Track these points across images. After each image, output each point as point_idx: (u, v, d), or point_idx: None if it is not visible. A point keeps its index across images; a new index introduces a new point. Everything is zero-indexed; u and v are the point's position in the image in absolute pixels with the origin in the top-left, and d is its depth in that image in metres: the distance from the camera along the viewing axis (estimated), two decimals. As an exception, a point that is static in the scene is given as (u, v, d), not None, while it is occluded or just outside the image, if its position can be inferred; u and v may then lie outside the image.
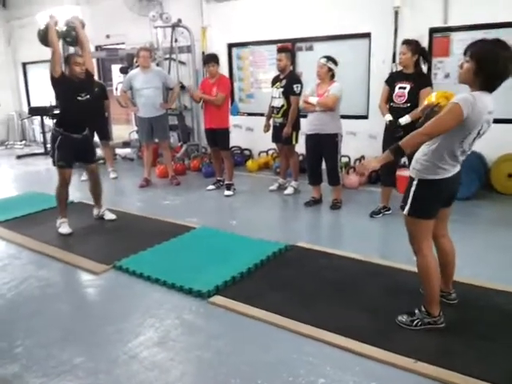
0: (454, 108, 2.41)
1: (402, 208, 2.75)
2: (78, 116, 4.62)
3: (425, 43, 5.81)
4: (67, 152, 4.61)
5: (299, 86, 5.57)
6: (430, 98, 2.95)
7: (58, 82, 4.51)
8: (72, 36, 4.74)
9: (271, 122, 5.96)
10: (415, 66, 4.63)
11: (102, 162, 7.41)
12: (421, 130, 2.55)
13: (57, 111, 4.90)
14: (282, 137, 5.72)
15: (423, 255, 2.74)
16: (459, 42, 5.70)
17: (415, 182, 2.67)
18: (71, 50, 6.06)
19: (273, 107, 5.84)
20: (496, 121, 5.54)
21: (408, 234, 2.82)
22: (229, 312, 3.12)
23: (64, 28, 4.69)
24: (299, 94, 5.53)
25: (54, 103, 9.18)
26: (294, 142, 5.78)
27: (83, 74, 4.56)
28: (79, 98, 4.56)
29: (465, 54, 2.49)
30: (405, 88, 4.58)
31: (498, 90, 2.51)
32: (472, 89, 2.50)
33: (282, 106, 5.68)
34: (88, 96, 4.62)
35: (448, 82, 5.85)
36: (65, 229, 4.71)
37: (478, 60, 2.40)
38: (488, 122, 2.51)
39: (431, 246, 2.81)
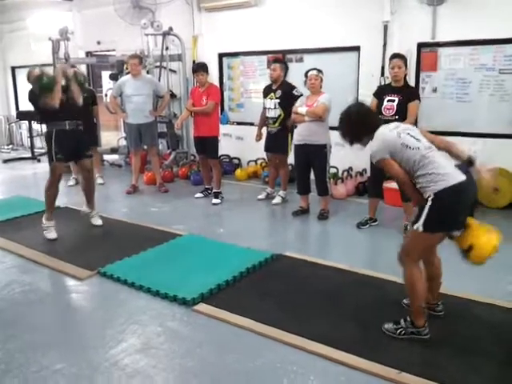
0: (381, 164, 2.77)
1: (414, 223, 2.68)
2: (60, 106, 4.52)
3: (413, 58, 5.92)
4: (64, 144, 4.58)
5: (297, 89, 5.55)
6: None
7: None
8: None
9: (264, 130, 5.96)
10: (404, 80, 4.69)
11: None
12: (399, 183, 2.99)
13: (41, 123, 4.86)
14: (277, 145, 5.74)
15: (409, 267, 2.75)
16: (447, 57, 5.80)
17: (431, 198, 2.60)
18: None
19: (267, 118, 5.82)
20: (482, 135, 5.68)
21: (406, 245, 2.80)
22: (213, 320, 3.10)
23: (63, 82, 4.65)
24: (301, 95, 5.44)
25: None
26: (289, 151, 5.74)
27: None
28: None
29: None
30: (393, 101, 4.62)
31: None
32: (367, 142, 2.88)
33: (279, 115, 5.66)
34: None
35: (435, 96, 5.94)
36: (51, 234, 4.66)
37: (344, 135, 2.95)
38: (401, 132, 2.76)
39: (419, 263, 2.81)
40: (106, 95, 8.29)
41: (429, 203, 2.61)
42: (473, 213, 2.76)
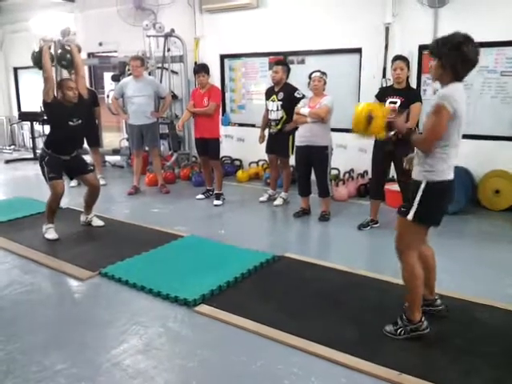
0: (439, 108, 2.51)
1: (404, 213, 2.71)
2: (67, 140, 4.60)
3: (414, 60, 5.92)
4: (56, 166, 4.60)
5: (299, 91, 5.57)
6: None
7: (50, 107, 4.51)
8: (67, 59, 4.69)
9: (266, 132, 5.97)
10: (406, 81, 4.70)
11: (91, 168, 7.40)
12: (422, 139, 2.65)
13: (47, 133, 4.83)
14: (278, 146, 5.76)
15: (408, 257, 2.77)
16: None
17: (422, 186, 2.64)
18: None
19: (270, 120, 5.81)
20: (483, 137, 5.69)
21: (398, 237, 2.82)
22: (214, 321, 3.11)
23: (59, 51, 4.65)
24: (303, 97, 5.49)
25: (43, 109, 9.18)
26: (290, 154, 5.76)
27: (76, 98, 4.53)
28: (71, 123, 4.52)
29: (430, 54, 2.64)
30: (395, 103, 4.62)
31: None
32: (443, 83, 2.59)
33: (282, 117, 5.66)
34: (80, 121, 4.58)
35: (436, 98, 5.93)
36: (51, 234, 4.67)
37: (440, 55, 2.55)
38: (465, 110, 2.59)
39: (417, 253, 2.82)
40: (107, 96, 8.31)
41: (420, 192, 2.64)
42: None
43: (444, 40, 2.57)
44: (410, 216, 2.67)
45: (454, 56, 2.50)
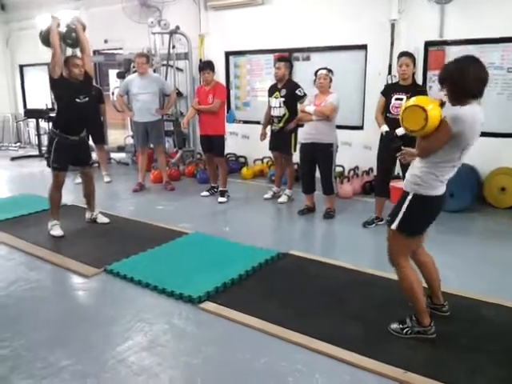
0: (447, 127, 2.47)
1: (390, 222, 2.76)
2: (75, 118, 4.59)
3: (420, 56, 5.89)
4: (63, 155, 4.60)
5: (301, 89, 5.58)
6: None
7: (57, 84, 4.51)
8: (72, 38, 4.74)
9: (268, 129, 5.97)
10: (412, 78, 4.68)
11: (96, 165, 7.42)
12: (420, 147, 2.63)
13: (54, 113, 4.85)
14: (280, 144, 5.75)
15: (401, 267, 2.78)
16: (454, 56, 5.72)
17: (409, 197, 2.67)
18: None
19: (273, 117, 5.82)
20: (490, 135, 5.65)
21: (388, 247, 2.84)
22: (219, 318, 3.11)
23: (65, 29, 4.70)
24: (305, 95, 5.53)
25: (49, 106, 9.21)
26: (292, 151, 5.78)
27: (82, 76, 4.53)
28: (78, 100, 4.53)
29: (440, 84, 2.63)
30: (402, 99, 4.57)
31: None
32: (461, 105, 2.54)
33: (284, 115, 5.66)
34: (87, 98, 4.59)
35: (442, 94, 5.90)
36: (56, 231, 4.68)
37: (448, 82, 2.54)
38: (479, 132, 2.56)
39: (409, 259, 2.84)
40: (112, 94, 8.33)
41: (406, 203, 2.67)
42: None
43: (451, 67, 2.57)
44: (394, 226, 2.72)
45: (463, 80, 2.48)
